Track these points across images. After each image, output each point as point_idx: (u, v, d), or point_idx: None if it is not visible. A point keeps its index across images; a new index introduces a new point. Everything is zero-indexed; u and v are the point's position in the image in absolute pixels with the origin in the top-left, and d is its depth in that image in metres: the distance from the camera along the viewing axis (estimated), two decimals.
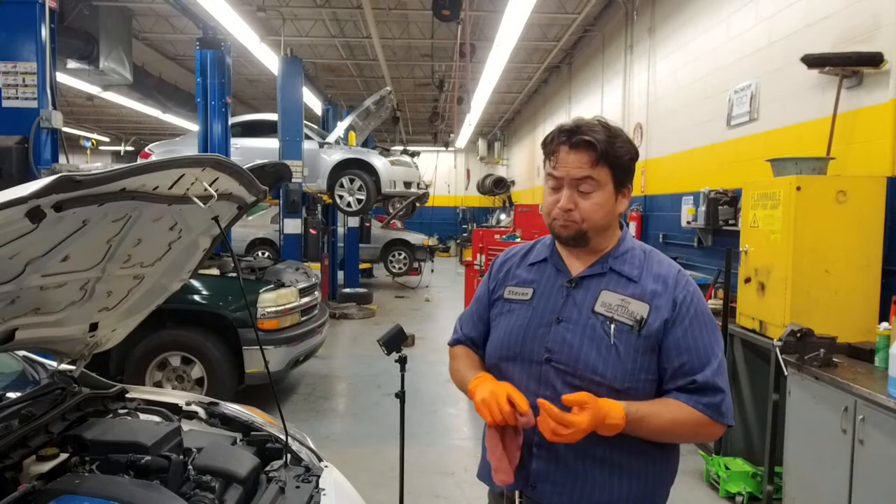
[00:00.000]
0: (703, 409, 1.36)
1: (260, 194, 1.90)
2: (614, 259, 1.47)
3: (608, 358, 1.37)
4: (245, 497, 1.71)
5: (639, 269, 1.45)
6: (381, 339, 2.68)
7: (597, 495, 1.39)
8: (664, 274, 1.44)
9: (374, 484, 3.69)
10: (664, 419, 1.35)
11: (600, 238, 1.47)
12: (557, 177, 1.42)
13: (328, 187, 9.35)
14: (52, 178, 1.18)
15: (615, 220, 1.49)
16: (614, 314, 1.40)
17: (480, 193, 22.13)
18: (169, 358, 4.82)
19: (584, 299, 1.44)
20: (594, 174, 1.39)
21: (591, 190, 1.40)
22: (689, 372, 1.37)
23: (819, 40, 4.16)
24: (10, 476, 1.60)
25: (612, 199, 1.43)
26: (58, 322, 1.86)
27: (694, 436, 1.40)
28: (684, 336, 1.38)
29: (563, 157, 1.41)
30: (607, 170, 1.40)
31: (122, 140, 22.45)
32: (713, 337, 1.41)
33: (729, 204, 5.22)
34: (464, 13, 7.73)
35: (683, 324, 1.39)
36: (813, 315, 3.36)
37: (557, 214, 1.43)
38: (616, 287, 1.44)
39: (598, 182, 1.40)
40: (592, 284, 1.46)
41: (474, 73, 10.39)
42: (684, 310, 1.39)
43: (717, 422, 1.37)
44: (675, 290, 1.41)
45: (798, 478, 3.16)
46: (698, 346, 1.38)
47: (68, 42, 7.69)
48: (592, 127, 1.40)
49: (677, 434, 1.39)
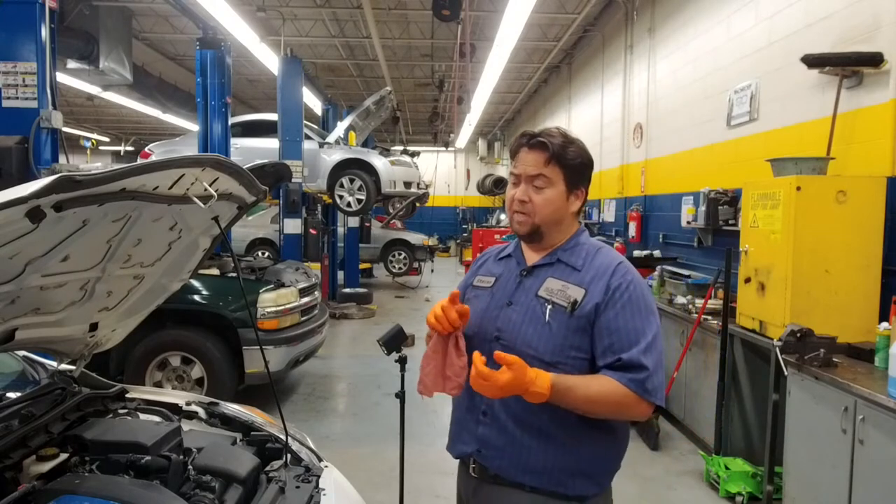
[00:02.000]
0: (626, 383, 1.45)
1: (260, 194, 1.90)
2: (563, 251, 1.64)
3: (542, 334, 1.54)
4: (245, 497, 1.71)
5: (583, 260, 1.60)
6: (381, 339, 2.67)
7: (531, 462, 1.54)
8: (606, 264, 1.58)
9: (374, 484, 3.69)
10: (591, 391, 1.45)
11: (553, 233, 1.64)
12: (516, 174, 1.62)
13: (328, 187, 9.35)
14: (52, 178, 1.18)
15: (567, 218, 1.64)
16: (553, 297, 1.57)
17: (480, 193, 22.12)
18: (169, 358, 4.82)
19: (532, 285, 1.62)
20: (546, 172, 1.58)
21: (544, 186, 1.59)
22: (617, 351, 1.48)
23: (819, 40, 4.16)
24: (10, 476, 1.60)
25: (564, 197, 1.61)
26: (58, 322, 1.86)
27: (620, 410, 1.48)
28: (615, 318, 1.50)
29: (521, 157, 1.61)
30: (559, 170, 1.58)
31: (122, 140, 22.45)
32: (645, 322, 1.51)
33: (729, 204, 5.22)
34: (464, 13, 7.73)
35: (615, 308, 1.51)
36: (813, 315, 3.36)
37: (515, 207, 1.62)
38: (561, 275, 1.60)
39: (549, 179, 1.58)
40: (542, 272, 1.63)
41: (474, 73, 10.39)
42: (617, 295, 1.52)
43: (643, 398, 1.45)
44: (610, 278, 1.54)
45: (798, 478, 3.16)
46: (627, 328, 1.49)
47: (68, 42, 7.69)
48: (550, 133, 1.60)
49: (603, 407, 1.47)
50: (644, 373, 1.45)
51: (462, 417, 1.71)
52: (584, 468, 1.55)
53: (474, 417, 1.64)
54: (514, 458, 1.55)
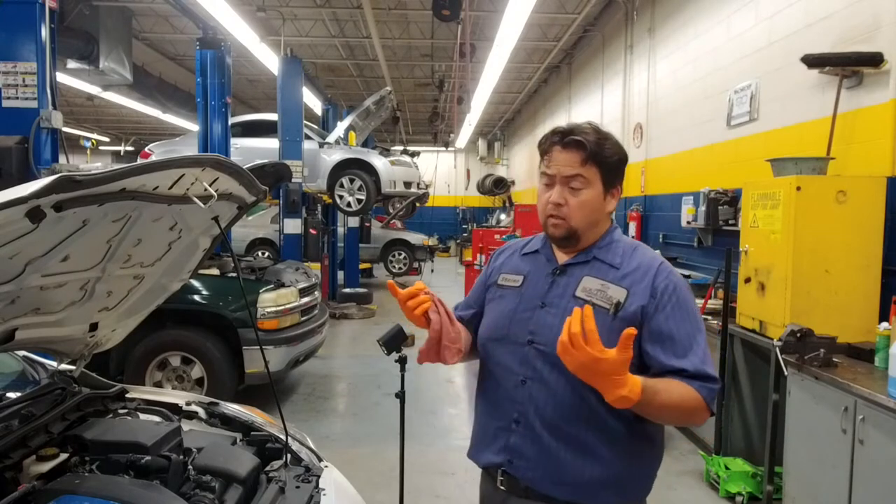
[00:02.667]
0: (699, 389, 1.38)
1: (260, 194, 1.90)
2: (598, 249, 1.54)
3: None
4: (245, 497, 1.70)
5: (621, 258, 1.51)
6: (380, 339, 2.66)
7: (567, 474, 1.44)
8: (646, 263, 1.49)
9: (374, 484, 3.69)
10: (673, 396, 1.36)
11: (589, 235, 1.54)
12: (550, 174, 1.51)
13: (328, 187, 9.35)
14: (52, 178, 1.18)
15: (603, 218, 1.55)
16: (593, 298, 1.46)
17: (480, 193, 22.12)
18: (169, 358, 4.82)
19: (568, 285, 1.52)
20: (583, 172, 1.47)
21: (581, 187, 1.48)
22: (673, 357, 1.40)
23: (819, 40, 4.16)
24: (10, 476, 1.60)
25: (601, 198, 1.51)
26: (58, 322, 1.86)
27: (689, 418, 1.43)
28: (666, 322, 1.42)
29: (555, 156, 1.50)
30: (596, 169, 1.48)
31: (122, 140, 22.45)
32: (695, 327, 1.44)
33: (729, 204, 5.22)
34: (464, 13, 7.73)
35: (665, 311, 1.43)
36: (813, 315, 3.36)
37: (549, 210, 1.51)
38: (598, 273, 1.50)
39: (587, 180, 1.48)
40: (576, 271, 1.53)
41: (474, 73, 10.39)
42: (665, 298, 1.43)
43: (709, 408, 1.41)
44: (655, 279, 1.45)
45: (798, 478, 3.16)
46: (681, 333, 1.41)
47: (68, 42, 7.69)
48: (584, 129, 1.48)
49: (677, 413, 1.40)
50: (715, 384, 1.40)
51: (489, 424, 1.59)
52: (625, 482, 1.47)
53: (505, 425, 1.53)
54: (549, 471, 1.46)
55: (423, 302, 1.51)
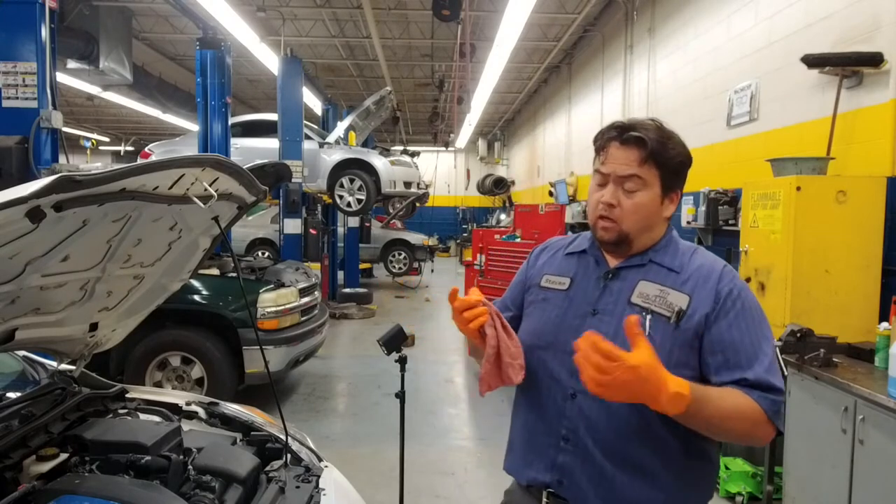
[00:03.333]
0: (759, 400, 1.26)
1: (260, 194, 1.90)
2: (655, 251, 1.42)
3: None
4: (245, 497, 1.70)
5: (680, 261, 1.40)
6: (381, 339, 2.68)
7: (623, 497, 1.34)
8: (708, 266, 1.38)
9: (374, 484, 3.69)
10: (727, 404, 1.25)
11: (643, 240, 1.42)
12: (604, 173, 1.39)
13: (328, 187, 9.35)
14: (52, 178, 1.18)
15: (659, 223, 1.42)
16: (651, 305, 1.35)
17: (480, 193, 22.13)
18: (169, 358, 4.82)
19: (622, 290, 1.40)
20: (641, 173, 1.36)
21: (637, 189, 1.36)
22: (734, 367, 1.29)
23: (819, 40, 4.16)
24: (10, 476, 1.60)
25: (657, 201, 1.39)
26: (58, 322, 1.86)
27: (750, 432, 1.29)
28: (728, 330, 1.30)
29: (612, 153, 1.38)
30: (655, 170, 1.36)
31: (122, 140, 22.45)
32: (762, 335, 1.32)
33: (729, 204, 5.22)
34: (464, 13, 7.73)
35: (728, 317, 1.31)
36: (813, 315, 3.36)
37: (600, 210, 1.40)
38: (655, 278, 1.38)
39: (644, 181, 1.36)
40: (630, 275, 1.41)
41: (474, 73, 10.39)
42: (729, 303, 1.32)
43: (773, 422, 1.27)
44: (718, 283, 1.34)
45: (798, 478, 3.16)
46: (745, 341, 1.30)
47: (68, 42, 7.69)
48: (645, 125, 1.37)
49: (736, 425, 1.27)
50: (779, 395, 1.28)
51: (534, 440, 1.46)
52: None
53: (553, 442, 1.40)
54: (601, 494, 1.34)
55: (480, 315, 1.39)
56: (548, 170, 13.51)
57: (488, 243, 7.40)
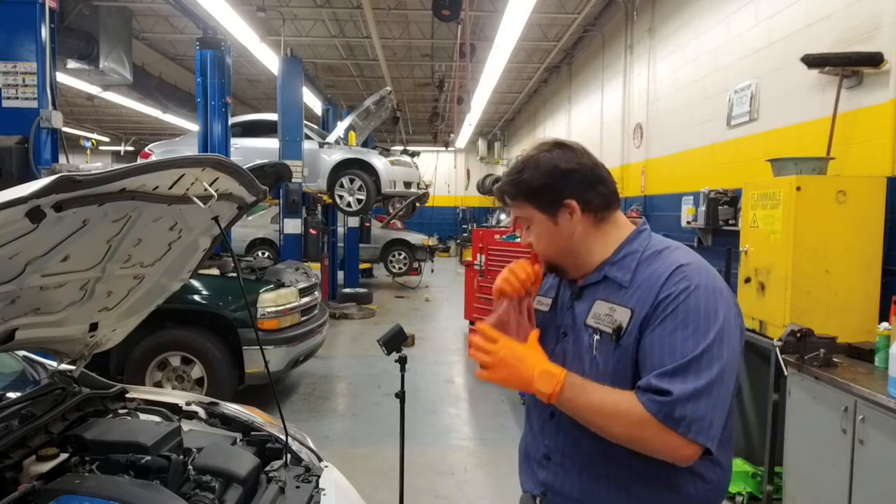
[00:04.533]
0: (645, 402, 1.19)
1: (260, 194, 1.91)
2: (610, 266, 1.38)
3: (590, 371, 1.31)
4: (245, 497, 1.71)
5: (632, 273, 1.33)
6: (381, 339, 2.69)
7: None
8: (659, 272, 1.29)
9: (374, 484, 3.69)
10: (605, 401, 1.23)
11: (574, 260, 1.41)
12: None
13: (328, 187, 9.35)
14: (52, 178, 1.18)
15: (583, 239, 1.38)
16: (600, 325, 1.33)
17: (480, 193, 22.11)
18: (169, 358, 4.82)
19: (581, 311, 1.39)
20: (518, 213, 1.43)
21: (527, 225, 1.43)
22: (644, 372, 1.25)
23: (819, 40, 4.16)
24: (10, 476, 1.60)
25: (549, 225, 1.38)
26: (58, 322, 1.86)
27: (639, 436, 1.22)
28: (649, 335, 1.25)
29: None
30: (524, 203, 1.40)
31: (122, 140, 22.45)
32: (688, 338, 1.21)
33: (729, 204, 5.22)
34: (464, 13, 7.73)
35: (654, 323, 1.24)
36: (813, 315, 3.36)
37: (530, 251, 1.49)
38: (608, 295, 1.35)
39: (526, 218, 1.42)
40: (590, 294, 1.40)
41: (474, 73, 10.39)
42: (661, 309, 1.24)
43: (671, 429, 1.18)
44: (660, 290, 1.26)
45: (798, 478, 3.16)
46: (663, 345, 1.22)
47: (68, 42, 7.68)
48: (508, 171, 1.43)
49: (617, 425, 1.22)
50: (667, 396, 1.17)
51: (524, 454, 1.54)
52: None
53: (537, 459, 1.46)
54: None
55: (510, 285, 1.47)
56: None
57: (488, 243, 7.40)
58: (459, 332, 8.77)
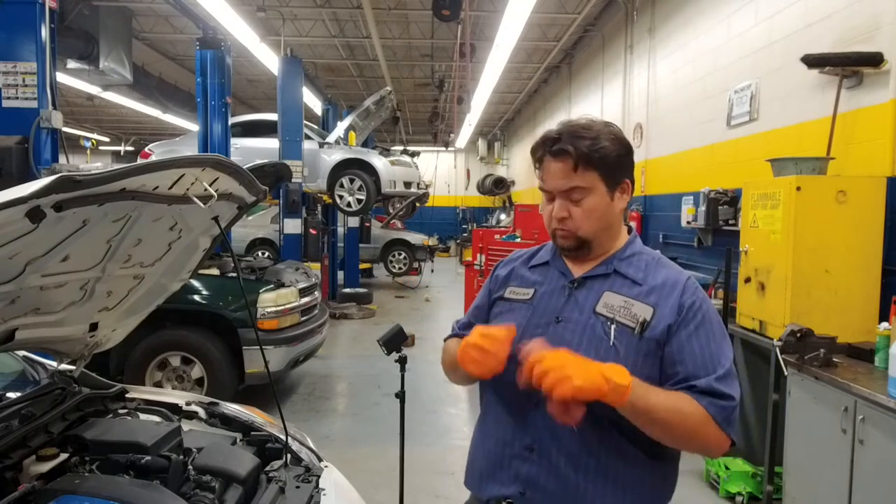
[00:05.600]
0: (708, 407, 1.26)
1: (260, 194, 1.90)
2: (619, 261, 1.43)
3: (606, 359, 1.29)
4: (245, 497, 1.71)
5: (644, 272, 1.41)
6: (381, 339, 2.68)
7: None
8: (672, 278, 1.40)
9: (374, 484, 3.69)
10: (671, 402, 1.26)
11: (603, 240, 1.43)
12: (548, 190, 1.41)
13: (328, 187, 9.35)
14: (52, 178, 1.18)
15: (616, 220, 1.44)
16: (616, 315, 1.36)
17: (480, 193, 22.13)
18: (169, 358, 4.82)
19: (587, 299, 1.40)
20: (580, 182, 1.36)
21: (582, 197, 1.37)
22: (691, 378, 1.30)
23: (819, 40, 4.16)
24: (10, 476, 1.60)
25: (606, 200, 1.39)
26: (58, 322, 1.86)
27: (697, 436, 1.29)
28: (688, 340, 1.32)
29: (548, 168, 1.39)
30: (593, 172, 1.36)
31: (122, 140, 22.45)
32: (720, 347, 1.34)
33: (729, 204, 5.22)
34: (464, 13, 7.73)
35: (688, 328, 1.33)
36: (813, 315, 3.36)
37: (554, 224, 1.42)
38: (620, 289, 1.39)
39: (585, 188, 1.36)
40: (596, 285, 1.42)
41: (474, 73, 10.39)
42: (690, 315, 1.34)
43: (722, 428, 1.28)
44: (682, 296, 1.36)
45: (798, 478, 3.16)
46: (704, 353, 1.31)
47: (68, 42, 7.68)
48: (575, 132, 1.36)
49: (680, 425, 1.26)
50: (728, 402, 1.28)
51: (497, 451, 1.44)
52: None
53: (516, 453, 1.39)
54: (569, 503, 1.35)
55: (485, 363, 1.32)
56: None
57: (488, 243, 7.41)
58: None
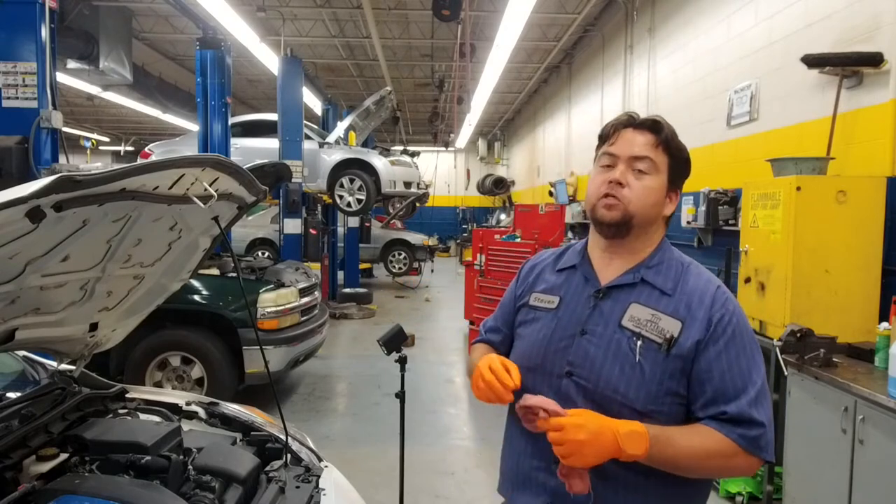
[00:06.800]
0: (737, 440, 1.23)
1: (260, 194, 1.90)
2: (647, 269, 1.37)
3: (632, 377, 1.27)
4: (245, 497, 1.71)
5: (673, 282, 1.35)
6: (381, 339, 2.69)
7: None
8: (702, 289, 1.33)
9: (374, 484, 3.69)
10: (694, 445, 1.23)
11: (641, 233, 1.38)
12: (615, 154, 1.36)
13: (328, 187, 9.35)
14: (52, 178, 1.18)
15: (658, 218, 1.39)
16: (642, 330, 1.30)
17: (480, 193, 22.13)
18: (169, 358, 4.82)
19: (612, 311, 1.35)
20: (654, 156, 1.35)
21: (648, 171, 1.34)
22: (721, 399, 1.25)
23: (819, 40, 4.16)
24: (10, 476, 1.60)
25: (663, 192, 1.37)
26: (58, 322, 1.86)
27: (726, 469, 1.27)
28: (717, 359, 1.27)
29: (625, 136, 1.37)
30: (666, 157, 1.36)
31: (122, 140, 22.44)
32: (751, 363, 1.28)
33: (729, 204, 5.22)
34: (464, 13, 7.73)
35: (717, 345, 1.27)
36: (813, 315, 3.36)
37: (606, 189, 1.35)
38: (647, 300, 1.33)
39: (655, 165, 1.35)
40: (622, 296, 1.36)
41: (474, 73, 10.39)
42: (720, 330, 1.28)
43: (754, 455, 1.24)
44: (711, 309, 1.30)
45: (798, 478, 3.16)
46: (733, 371, 1.26)
47: (68, 42, 7.68)
48: (662, 121, 1.39)
49: (707, 466, 1.26)
50: (757, 429, 1.23)
51: (525, 462, 1.42)
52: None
53: (543, 465, 1.36)
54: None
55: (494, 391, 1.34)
56: (548, 170, 13.51)
57: (488, 243, 7.40)
58: (459, 333, 8.77)
